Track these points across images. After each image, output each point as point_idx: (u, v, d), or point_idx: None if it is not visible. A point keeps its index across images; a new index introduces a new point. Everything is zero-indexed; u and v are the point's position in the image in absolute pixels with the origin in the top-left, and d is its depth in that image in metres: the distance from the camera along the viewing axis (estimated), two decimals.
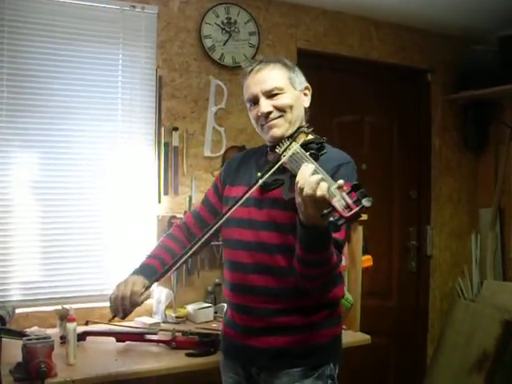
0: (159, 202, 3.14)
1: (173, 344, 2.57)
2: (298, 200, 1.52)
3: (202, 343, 2.57)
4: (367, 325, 3.00)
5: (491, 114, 4.25)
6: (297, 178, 1.52)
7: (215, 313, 3.12)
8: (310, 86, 2.03)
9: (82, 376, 2.20)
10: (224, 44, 3.35)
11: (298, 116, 1.95)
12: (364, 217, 2.97)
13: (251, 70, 1.98)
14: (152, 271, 2.00)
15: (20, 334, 2.36)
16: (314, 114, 1.91)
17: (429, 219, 4.23)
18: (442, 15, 3.78)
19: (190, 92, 3.29)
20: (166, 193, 3.16)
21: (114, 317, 1.98)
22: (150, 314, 3.10)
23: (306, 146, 1.78)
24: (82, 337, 2.56)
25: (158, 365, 2.40)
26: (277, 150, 1.83)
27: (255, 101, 1.94)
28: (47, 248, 2.93)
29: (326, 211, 1.41)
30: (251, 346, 1.92)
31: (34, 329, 2.68)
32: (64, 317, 2.59)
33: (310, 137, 1.93)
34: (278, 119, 1.91)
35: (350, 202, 1.37)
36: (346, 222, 1.38)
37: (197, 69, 3.31)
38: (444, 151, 4.27)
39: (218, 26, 3.34)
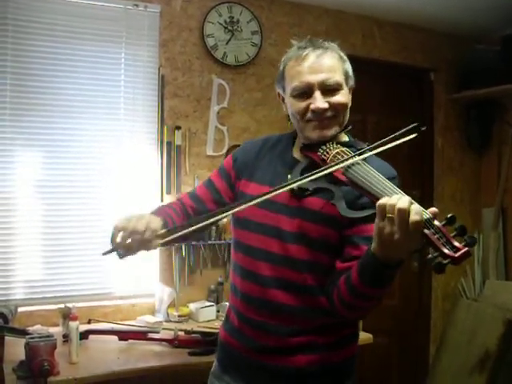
0: (162, 200, 3.14)
1: (175, 343, 2.58)
2: (382, 229, 1.26)
3: (205, 342, 2.57)
4: (369, 324, 2.99)
5: (494, 113, 4.24)
6: (381, 201, 1.26)
7: (217, 311, 3.12)
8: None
9: (84, 374, 2.21)
10: (226, 43, 3.35)
11: (346, 119, 1.72)
12: None
13: (307, 53, 1.66)
14: (169, 225, 1.64)
15: (23, 333, 2.36)
16: None
17: None
18: (444, 14, 3.78)
19: (193, 91, 3.29)
20: (168, 191, 3.17)
21: (110, 251, 1.59)
22: (152, 312, 3.12)
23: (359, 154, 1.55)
24: (84, 335, 2.56)
25: (160, 363, 2.41)
26: (320, 154, 1.60)
27: (307, 91, 1.63)
28: (50, 247, 2.94)
29: (418, 246, 1.22)
30: (262, 364, 1.69)
31: (37, 327, 2.68)
32: (67, 315, 2.59)
33: (346, 138, 1.74)
34: (331, 120, 1.65)
35: (453, 240, 1.16)
36: (452, 264, 1.15)
37: (199, 68, 3.31)
38: (447, 151, 4.26)
39: (221, 24, 3.34)
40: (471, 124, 4.27)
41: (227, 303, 3.11)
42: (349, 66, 1.72)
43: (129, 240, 1.52)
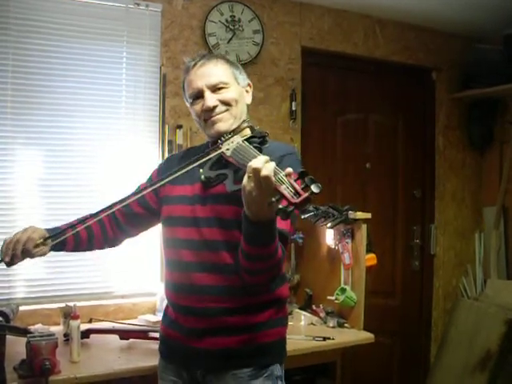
0: None
1: None
2: (245, 189, 1.44)
3: None
4: (371, 323, 2.99)
5: (496, 112, 4.24)
6: (247, 166, 1.44)
7: None
8: (251, 84, 2.03)
9: (85, 373, 2.20)
10: (228, 42, 3.35)
11: (241, 111, 1.93)
12: (368, 215, 2.98)
13: (194, 64, 1.93)
14: (58, 231, 1.92)
15: (24, 331, 2.35)
16: (317, 112, 1.89)
17: (433, 218, 4.23)
18: (447, 13, 3.78)
19: None
20: None
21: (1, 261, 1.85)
22: (153, 311, 3.12)
23: (248, 140, 1.74)
24: (85, 334, 2.56)
25: None
26: (218, 142, 1.80)
27: (199, 95, 1.89)
28: None
29: (273, 199, 1.37)
30: (197, 348, 1.84)
31: (38, 326, 2.68)
32: (68, 314, 2.59)
33: (249, 132, 1.87)
34: (224, 113, 1.88)
35: (298, 188, 1.34)
36: (295, 209, 1.33)
37: None
38: (448, 150, 4.26)
39: (222, 23, 3.34)
40: (473, 123, 4.27)
41: None
42: (237, 70, 1.97)
43: (13, 248, 1.83)
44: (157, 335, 2.63)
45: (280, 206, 1.36)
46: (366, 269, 2.99)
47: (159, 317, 2.98)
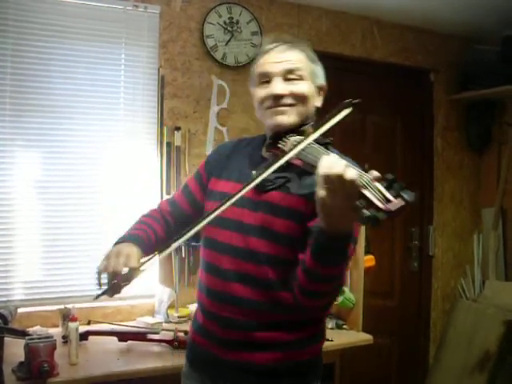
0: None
1: (175, 344, 2.57)
2: (323, 195, 1.26)
3: None
4: (369, 325, 2.99)
5: (494, 114, 4.24)
6: (319, 167, 1.26)
7: None
8: (326, 87, 1.81)
9: (84, 375, 2.21)
10: (226, 44, 3.35)
11: (308, 112, 1.72)
12: None
13: (275, 47, 1.72)
14: (145, 245, 1.73)
15: (22, 334, 2.36)
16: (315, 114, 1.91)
17: (431, 219, 4.23)
18: (445, 15, 3.78)
19: (192, 92, 3.29)
20: (168, 192, 3.16)
21: (101, 294, 1.68)
22: (152, 313, 3.12)
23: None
24: (84, 336, 2.56)
25: (160, 364, 2.41)
26: (280, 146, 1.60)
27: (268, 79, 1.69)
28: (50, 247, 2.94)
29: (359, 203, 1.19)
30: (225, 360, 1.69)
31: (37, 328, 2.68)
32: (66, 316, 2.60)
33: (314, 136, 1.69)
34: (290, 107, 1.67)
35: (389, 194, 1.16)
36: (388, 217, 1.16)
37: (199, 68, 3.31)
38: (447, 151, 4.26)
39: (221, 25, 3.34)
40: (471, 124, 4.27)
41: None
42: (316, 67, 1.76)
43: (114, 281, 1.63)
44: (155, 337, 2.65)
45: (368, 213, 1.17)
46: (364, 270, 3.00)
47: (157, 319, 3.00)
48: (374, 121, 4.04)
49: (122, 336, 2.64)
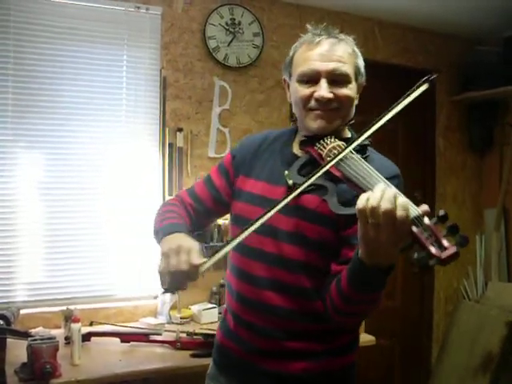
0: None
1: (177, 345, 2.58)
2: (364, 226, 1.19)
3: (207, 344, 2.56)
4: (372, 326, 2.99)
5: (496, 114, 4.24)
6: (362, 199, 1.17)
7: (220, 313, 3.12)
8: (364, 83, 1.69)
9: (86, 376, 2.21)
10: (228, 45, 3.36)
11: (350, 114, 1.64)
12: None
13: (320, 40, 1.58)
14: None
15: (25, 335, 2.36)
16: None
17: None
18: (446, 16, 3.78)
19: (194, 93, 3.30)
20: (170, 193, 3.16)
21: (165, 292, 1.54)
22: (154, 314, 3.11)
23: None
24: (86, 337, 2.56)
25: (162, 365, 2.41)
26: (317, 148, 1.52)
27: (314, 78, 1.56)
28: (52, 249, 2.94)
29: (407, 245, 1.12)
30: (256, 367, 1.62)
31: (39, 329, 2.68)
32: (69, 317, 2.59)
33: (348, 134, 1.67)
34: (334, 112, 1.57)
35: (444, 240, 1.07)
36: (439, 264, 1.07)
37: (201, 70, 3.32)
38: (449, 152, 4.26)
39: (223, 26, 3.34)
40: (473, 125, 4.27)
41: None
42: (361, 62, 1.64)
43: (177, 280, 1.45)
44: (157, 338, 2.65)
45: (417, 256, 1.08)
46: None
47: (160, 320, 3.00)
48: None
49: (125, 337, 2.64)
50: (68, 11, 2.96)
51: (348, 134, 1.67)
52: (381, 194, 1.15)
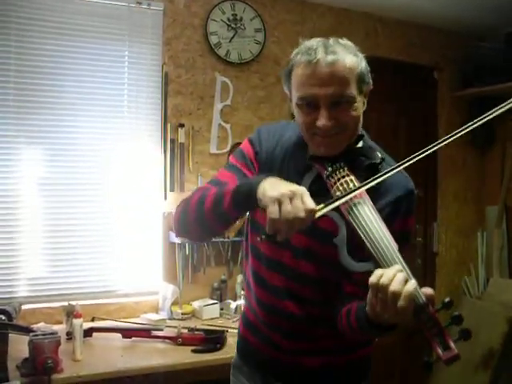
0: (165, 198, 3.15)
1: (179, 340, 2.58)
2: (373, 302, 1.24)
3: (208, 340, 2.57)
4: None
5: None
6: (380, 271, 1.22)
7: (221, 309, 3.13)
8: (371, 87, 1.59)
9: (88, 372, 2.22)
10: (230, 41, 3.35)
11: (358, 130, 1.56)
12: None
13: (318, 59, 1.45)
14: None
15: (27, 330, 2.36)
16: None
17: (435, 216, 4.22)
18: (448, 12, 3.77)
19: (196, 89, 3.29)
20: (171, 189, 3.17)
21: (270, 236, 1.34)
22: (155, 310, 3.12)
23: (354, 161, 1.48)
24: (88, 333, 2.57)
25: (164, 361, 2.42)
26: (326, 172, 1.48)
27: (312, 104, 1.47)
28: (54, 244, 2.94)
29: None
30: (278, 361, 1.69)
31: (41, 325, 2.69)
32: (70, 313, 2.60)
33: (360, 144, 1.60)
34: (337, 136, 1.49)
35: (449, 340, 1.17)
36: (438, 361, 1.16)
37: (202, 65, 3.31)
38: (450, 149, 4.24)
39: (224, 22, 3.34)
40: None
41: (230, 301, 3.13)
42: (364, 68, 1.53)
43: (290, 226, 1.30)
44: (159, 334, 2.65)
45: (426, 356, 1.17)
46: None
47: (161, 315, 3.00)
48: (378, 118, 4.03)
49: (126, 333, 2.65)
50: (70, 7, 2.95)
51: (359, 144, 1.61)
52: (393, 274, 1.20)
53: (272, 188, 1.33)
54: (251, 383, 1.77)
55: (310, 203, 1.29)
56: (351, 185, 1.42)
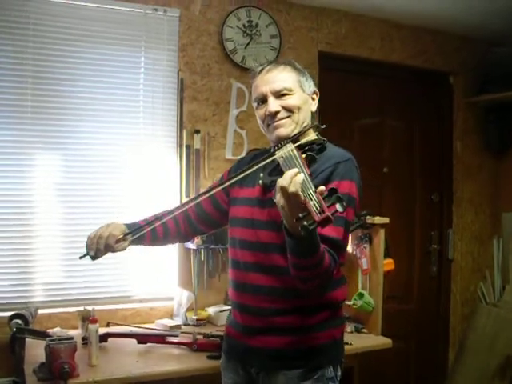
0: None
1: (194, 346, 2.58)
2: (278, 203, 1.50)
3: None
4: (388, 328, 2.98)
5: None
6: (277, 182, 1.49)
7: None
8: (318, 91, 2.04)
9: (103, 377, 2.22)
10: (245, 47, 3.36)
11: (304, 118, 1.96)
12: (386, 220, 2.97)
13: (261, 70, 2.00)
14: (137, 227, 2.04)
15: (43, 335, 2.38)
16: (334, 117, 1.93)
17: (451, 223, 4.20)
18: (463, 17, 3.76)
19: (212, 95, 3.30)
20: (187, 195, 3.17)
21: (84, 255, 2.01)
22: (170, 316, 3.13)
23: (306, 146, 1.79)
24: (103, 338, 2.57)
25: (179, 367, 2.41)
26: (275, 149, 1.86)
27: (263, 100, 1.95)
28: (70, 249, 2.94)
29: (300, 215, 1.39)
30: (250, 346, 1.92)
31: (57, 330, 2.70)
32: (86, 318, 2.61)
33: (314, 137, 1.92)
34: (286, 119, 1.92)
35: (324, 206, 1.36)
36: (317, 226, 1.36)
37: (218, 72, 3.32)
38: (466, 154, 4.23)
39: (240, 28, 3.35)
40: (490, 127, 4.24)
41: None
42: (303, 77, 1.98)
43: (97, 243, 1.97)
44: (174, 339, 2.66)
45: (304, 223, 1.36)
46: (383, 274, 2.98)
47: (176, 321, 3.01)
48: (393, 124, 4.03)
49: (142, 338, 2.65)
50: (86, 14, 2.97)
51: (312, 136, 1.92)
52: (287, 175, 1.46)
53: None
54: (235, 376, 2.01)
55: (115, 231, 2.02)
56: (289, 148, 1.77)
